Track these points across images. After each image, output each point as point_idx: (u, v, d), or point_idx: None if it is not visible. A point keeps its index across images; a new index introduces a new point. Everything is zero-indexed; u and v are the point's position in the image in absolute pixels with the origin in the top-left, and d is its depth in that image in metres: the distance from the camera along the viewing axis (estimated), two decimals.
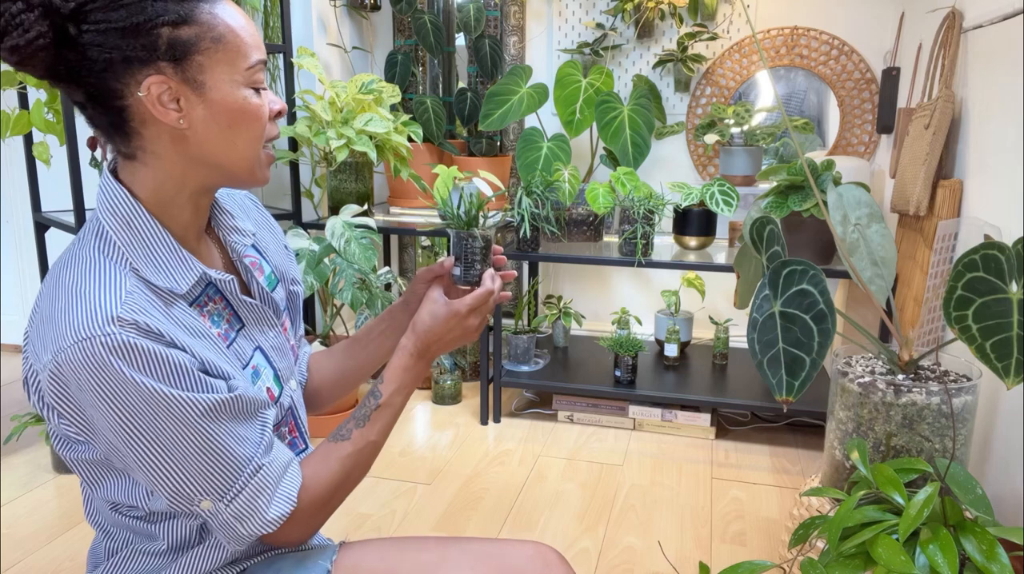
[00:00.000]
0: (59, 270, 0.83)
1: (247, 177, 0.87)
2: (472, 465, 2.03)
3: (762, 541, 1.67)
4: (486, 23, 2.66)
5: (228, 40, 0.81)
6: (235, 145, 0.84)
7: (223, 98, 0.82)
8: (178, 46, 0.79)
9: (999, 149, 1.55)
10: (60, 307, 0.79)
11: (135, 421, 0.78)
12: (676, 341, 2.41)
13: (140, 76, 0.78)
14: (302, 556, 0.95)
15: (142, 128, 0.81)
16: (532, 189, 2.17)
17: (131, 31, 0.77)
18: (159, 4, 0.77)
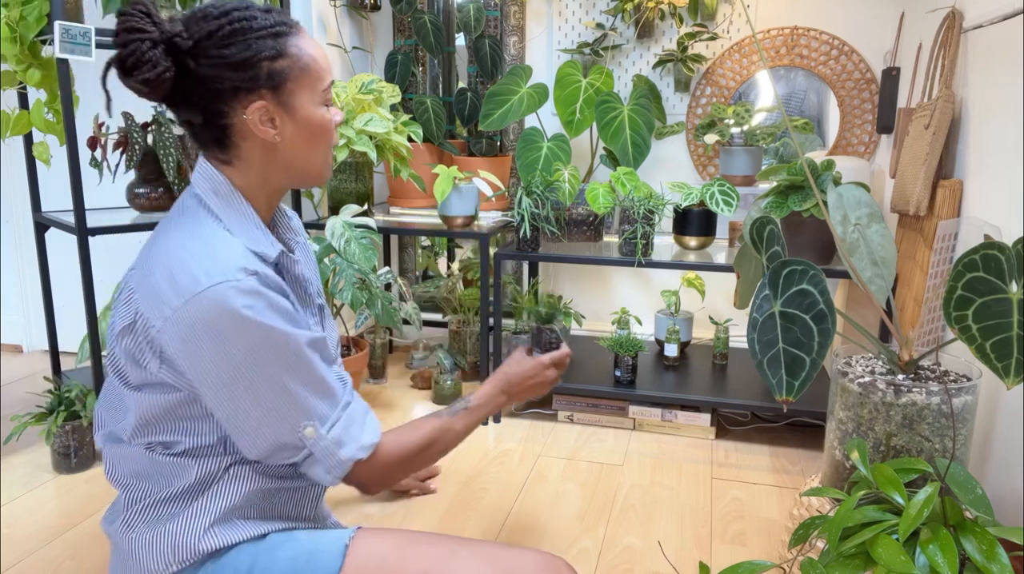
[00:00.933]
0: (172, 232, 0.99)
1: (317, 178, 1.08)
2: (472, 465, 2.03)
3: (762, 541, 1.67)
4: (486, 23, 2.66)
5: (311, 68, 1.00)
6: (314, 153, 1.05)
7: (307, 115, 1.01)
8: (275, 76, 0.98)
9: (999, 149, 1.55)
10: (186, 259, 0.94)
11: (256, 354, 0.94)
12: (676, 341, 2.41)
13: (245, 101, 0.97)
14: (321, 532, 1.03)
15: (241, 142, 1.01)
16: (532, 189, 2.17)
17: (239, 65, 0.95)
18: (260, 42, 0.96)
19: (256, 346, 0.93)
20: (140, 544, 1.01)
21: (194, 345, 0.92)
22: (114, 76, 0.94)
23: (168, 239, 0.98)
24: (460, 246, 3.07)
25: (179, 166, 2.10)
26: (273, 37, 0.97)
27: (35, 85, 1.93)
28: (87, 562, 1.57)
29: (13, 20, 1.82)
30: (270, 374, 0.95)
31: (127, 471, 1.04)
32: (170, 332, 0.92)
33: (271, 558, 0.99)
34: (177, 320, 0.91)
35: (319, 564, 0.98)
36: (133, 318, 0.96)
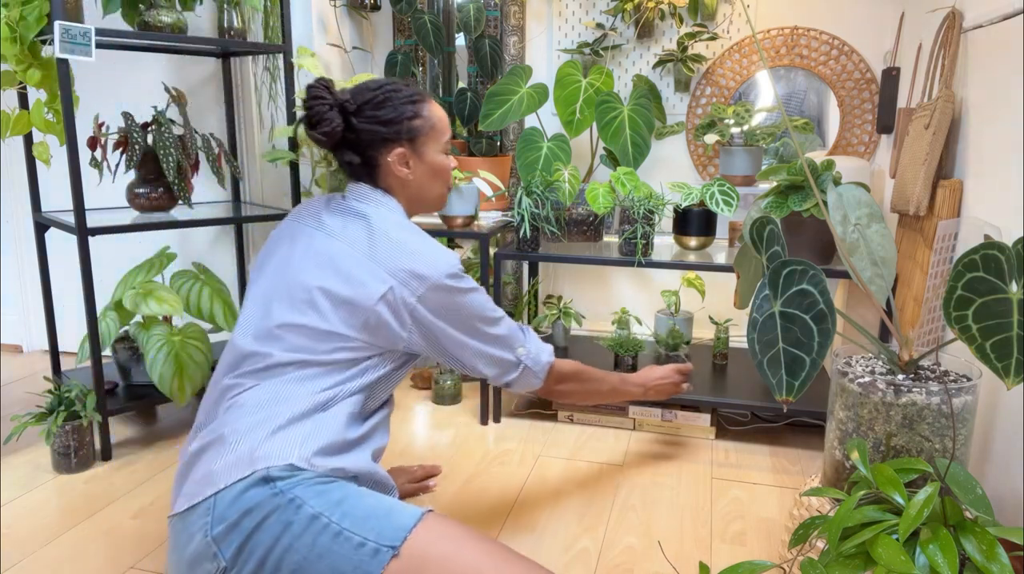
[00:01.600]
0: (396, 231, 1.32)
1: (436, 207, 1.50)
2: (472, 465, 2.03)
3: (762, 541, 1.67)
4: (486, 23, 2.66)
5: (438, 127, 1.42)
6: (435, 188, 1.45)
7: (432, 161, 1.42)
8: (413, 131, 1.38)
9: (999, 149, 1.55)
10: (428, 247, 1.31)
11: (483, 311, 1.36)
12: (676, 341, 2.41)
13: (389, 149, 1.37)
14: (399, 501, 1.20)
15: (385, 177, 1.40)
16: (532, 189, 2.17)
17: (389, 122, 1.36)
18: (404, 106, 1.36)
19: (478, 301, 1.35)
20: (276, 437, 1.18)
21: (446, 310, 1.31)
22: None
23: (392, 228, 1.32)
24: (460, 246, 3.07)
25: (179, 166, 2.10)
26: (412, 103, 1.37)
27: (35, 85, 1.93)
28: (87, 562, 1.57)
29: (13, 20, 1.82)
30: (492, 317, 1.38)
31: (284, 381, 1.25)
32: (428, 300, 1.29)
33: (359, 497, 1.15)
34: (433, 292, 1.29)
35: (395, 518, 1.12)
36: (388, 289, 1.27)
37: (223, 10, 2.20)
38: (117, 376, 2.26)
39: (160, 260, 2.20)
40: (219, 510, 1.11)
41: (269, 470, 1.13)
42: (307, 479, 1.14)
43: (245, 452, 1.16)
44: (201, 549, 1.11)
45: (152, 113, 2.11)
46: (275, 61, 2.61)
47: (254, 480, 1.12)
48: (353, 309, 1.26)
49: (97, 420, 1.98)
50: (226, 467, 1.15)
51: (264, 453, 1.15)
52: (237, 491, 1.11)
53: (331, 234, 1.33)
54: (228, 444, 1.18)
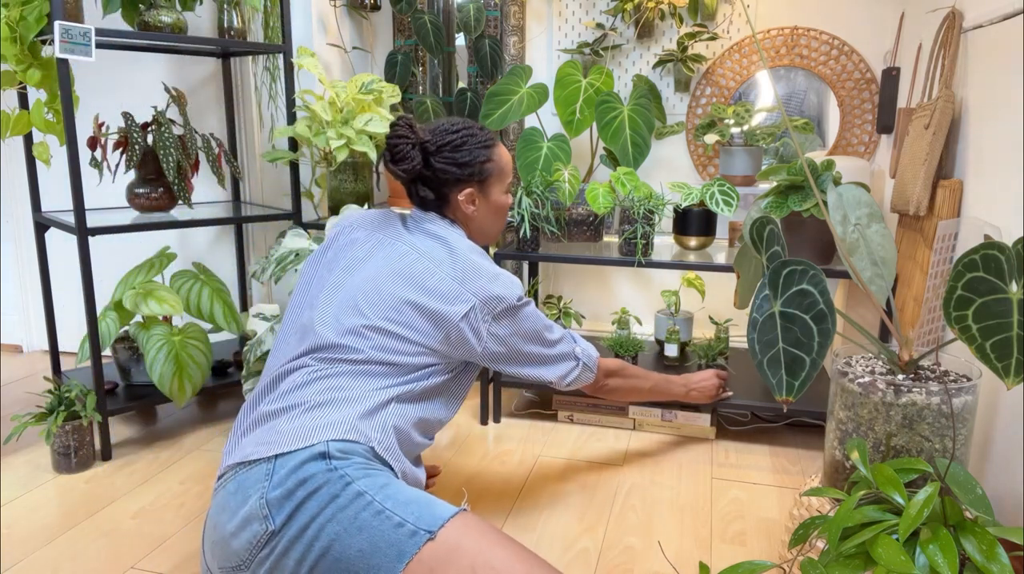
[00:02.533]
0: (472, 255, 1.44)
1: (492, 240, 1.64)
2: (472, 465, 2.03)
3: (762, 541, 1.67)
4: (486, 23, 2.66)
5: (504, 170, 1.56)
6: (495, 224, 1.60)
7: (495, 200, 1.56)
8: (483, 173, 1.51)
9: (999, 149, 1.55)
10: (500, 271, 1.44)
11: (541, 326, 1.50)
12: (676, 341, 2.41)
13: (460, 187, 1.50)
14: (437, 498, 1.24)
15: (453, 210, 1.53)
16: (532, 189, 2.17)
17: (464, 164, 1.49)
18: (477, 150, 1.49)
19: (536, 315, 1.49)
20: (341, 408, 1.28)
21: (517, 328, 1.45)
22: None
23: (469, 251, 1.44)
24: None
25: (179, 166, 2.10)
26: (485, 148, 1.50)
27: (35, 85, 1.93)
28: (87, 562, 1.57)
29: (13, 20, 1.82)
30: (548, 325, 1.53)
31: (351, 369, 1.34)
32: (502, 319, 1.42)
33: (399, 487, 1.20)
34: (508, 312, 1.42)
35: (435, 508, 1.17)
36: (471, 307, 1.38)
37: (223, 10, 2.20)
38: (117, 376, 2.26)
39: (160, 260, 2.20)
40: (277, 476, 1.17)
41: (329, 445, 1.20)
42: (359, 462, 1.21)
43: (311, 423, 1.24)
44: (255, 510, 1.16)
45: (152, 113, 2.11)
46: (275, 61, 2.61)
47: (313, 453, 1.19)
48: (438, 322, 1.37)
49: (97, 420, 1.98)
50: (291, 432, 1.22)
51: (328, 426, 1.23)
52: (298, 461, 1.18)
53: (414, 249, 1.43)
54: (297, 413, 1.27)
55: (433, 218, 1.51)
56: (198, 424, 2.29)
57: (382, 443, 1.28)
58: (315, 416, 1.26)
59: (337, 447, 1.21)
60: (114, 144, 2.07)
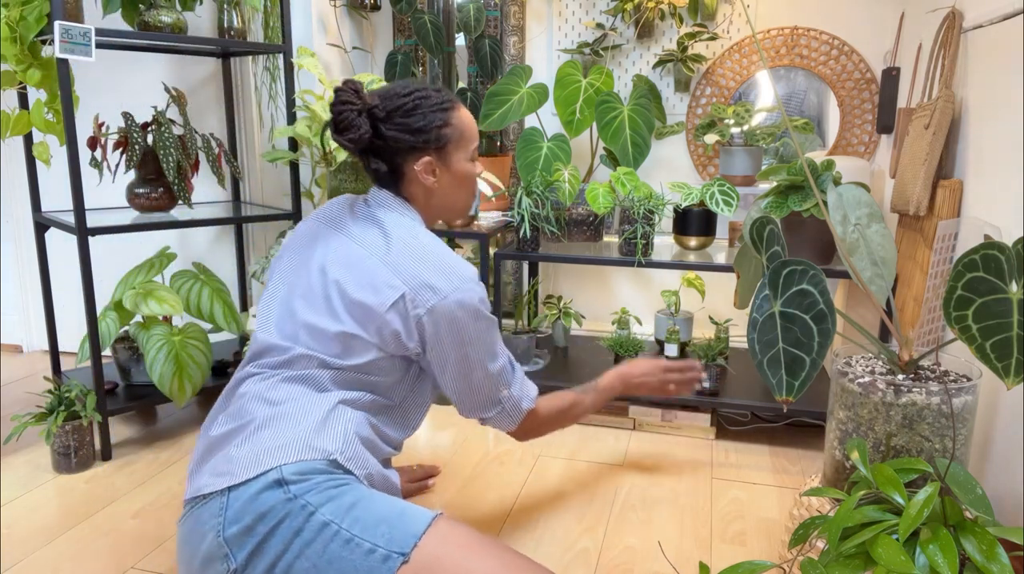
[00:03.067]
0: (417, 239, 1.30)
1: (461, 214, 1.46)
2: (472, 465, 2.03)
3: (762, 541, 1.67)
4: (486, 23, 2.66)
5: (466, 134, 1.37)
6: (461, 195, 1.42)
7: (459, 169, 1.38)
8: (441, 139, 1.34)
9: (999, 149, 1.55)
10: (447, 260, 1.27)
11: (485, 339, 1.30)
12: (676, 341, 2.41)
13: (416, 156, 1.33)
14: (410, 504, 1.19)
15: (410, 185, 1.37)
16: (532, 189, 2.17)
17: (418, 131, 1.32)
18: (433, 114, 1.32)
19: (487, 329, 1.30)
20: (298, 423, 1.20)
21: (450, 326, 1.25)
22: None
23: (411, 237, 1.30)
24: (460, 246, 3.07)
25: (179, 166, 2.10)
26: (442, 111, 1.33)
27: (35, 85, 1.93)
28: (87, 562, 1.57)
29: (13, 20, 1.82)
30: (493, 352, 1.33)
31: (300, 379, 1.27)
32: (435, 315, 1.24)
33: (370, 501, 1.14)
34: (443, 306, 1.24)
35: (406, 523, 1.12)
36: (399, 297, 1.24)
37: (223, 10, 2.20)
38: (117, 376, 2.26)
39: (160, 260, 2.20)
40: (232, 511, 1.11)
41: (283, 470, 1.12)
42: (320, 483, 1.13)
43: (261, 446, 1.16)
44: (213, 549, 1.11)
45: (152, 113, 2.11)
46: (275, 61, 2.61)
47: (268, 482, 1.11)
48: (366, 313, 1.25)
49: (97, 420, 1.98)
50: (241, 459, 1.15)
51: (279, 448, 1.15)
52: (252, 492, 1.11)
53: (351, 237, 1.33)
54: (246, 435, 1.19)
55: (385, 198, 1.37)
56: (198, 424, 2.29)
57: (344, 452, 1.19)
58: (264, 439, 1.17)
59: (292, 471, 1.13)
60: (114, 144, 2.07)
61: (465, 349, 1.28)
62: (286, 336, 1.29)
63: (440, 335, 1.26)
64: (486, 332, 1.30)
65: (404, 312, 1.24)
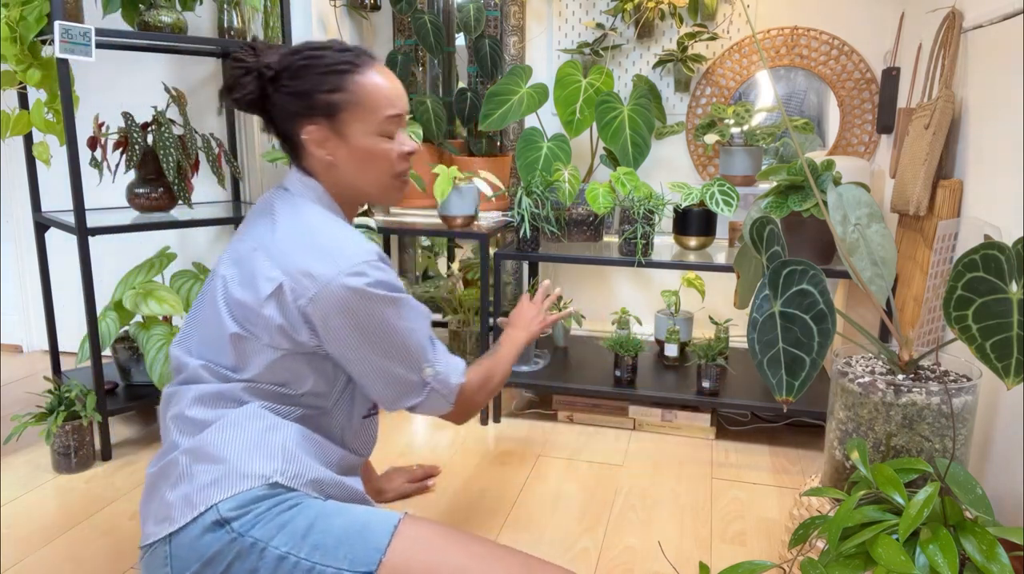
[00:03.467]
0: (303, 220, 1.16)
1: (379, 198, 1.25)
2: (472, 465, 2.03)
3: (762, 541, 1.67)
4: (486, 23, 2.66)
5: (367, 103, 1.17)
6: (366, 176, 1.21)
7: (358, 144, 1.19)
8: (331, 106, 1.16)
9: (999, 149, 1.55)
10: (327, 241, 1.13)
11: (388, 318, 1.13)
12: (676, 341, 2.41)
13: (301, 124, 1.17)
14: (374, 510, 1.12)
15: (308, 158, 1.21)
16: (532, 189, 2.17)
17: (302, 95, 1.16)
18: (322, 77, 1.15)
19: (388, 311, 1.13)
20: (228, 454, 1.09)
21: (340, 315, 1.10)
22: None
23: (296, 222, 1.16)
24: (460, 246, 3.07)
25: (179, 166, 2.10)
26: (335, 73, 1.16)
27: (35, 85, 1.93)
28: (87, 562, 1.57)
29: (13, 20, 1.82)
30: (402, 332, 1.16)
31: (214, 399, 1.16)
32: (320, 304, 1.10)
33: (327, 522, 1.05)
34: (326, 295, 1.09)
35: (369, 537, 1.04)
36: (276, 288, 1.11)
37: (223, 10, 2.20)
38: (117, 376, 2.26)
39: (160, 260, 2.20)
40: (178, 561, 1.04)
41: (219, 509, 1.03)
42: (264, 513, 1.04)
43: (192, 485, 1.07)
44: None
45: (152, 113, 2.11)
46: None
47: (207, 524, 1.03)
48: (246, 311, 1.13)
49: (97, 420, 1.98)
50: (176, 503, 1.06)
51: (211, 484, 1.06)
52: (192, 536, 1.03)
53: (247, 230, 1.21)
54: (177, 473, 1.10)
55: (290, 177, 1.23)
56: None
57: (285, 471, 1.09)
58: (196, 475, 1.07)
59: (230, 507, 1.03)
60: (114, 144, 2.07)
61: (366, 336, 1.13)
62: (186, 350, 1.20)
63: (332, 326, 1.11)
64: (389, 313, 1.13)
65: (284, 304, 1.11)
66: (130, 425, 2.29)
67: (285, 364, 1.14)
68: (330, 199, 1.22)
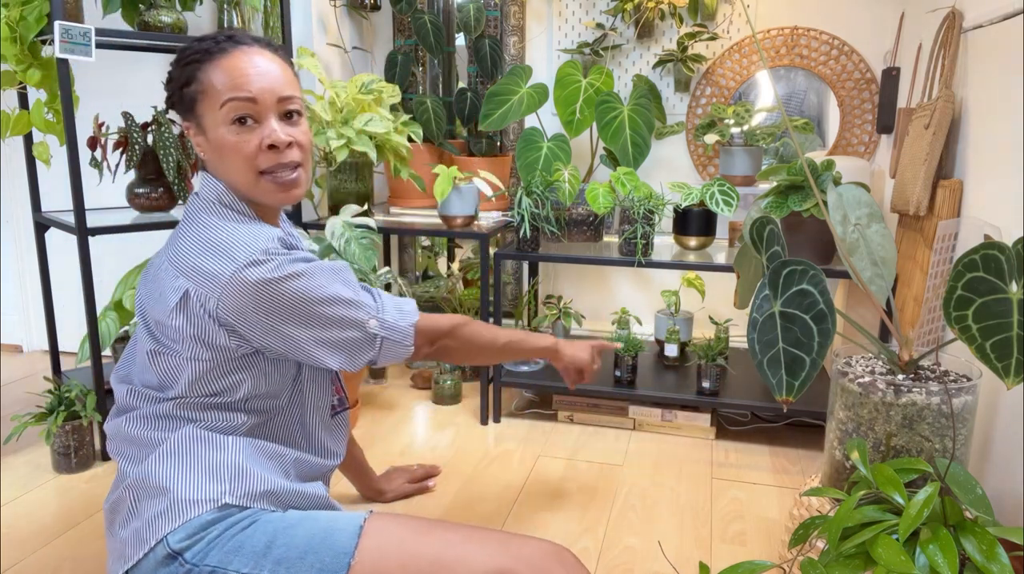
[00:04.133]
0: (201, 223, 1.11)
1: (251, 195, 1.15)
2: (472, 465, 2.03)
3: (762, 541, 1.67)
4: (486, 23, 2.66)
5: (210, 92, 1.10)
6: (229, 171, 1.13)
7: (213, 136, 1.11)
8: (187, 100, 1.12)
9: (999, 149, 1.55)
10: (222, 239, 1.07)
11: (304, 293, 1.07)
12: (676, 341, 2.41)
13: (182, 121, 1.15)
14: (337, 513, 1.08)
15: (199, 153, 1.16)
16: (532, 189, 2.17)
17: (169, 94, 1.14)
18: (177, 69, 1.12)
19: (297, 286, 1.07)
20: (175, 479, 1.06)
21: (253, 309, 1.05)
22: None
23: (193, 229, 1.12)
24: (460, 246, 3.07)
25: (179, 166, 2.10)
26: (187, 64, 1.11)
27: (35, 85, 1.93)
28: (87, 562, 1.57)
29: (13, 20, 1.82)
30: (322, 300, 1.10)
31: (160, 426, 1.12)
32: (228, 303, 1.05)
33: (289, 534, 1.01)
34: (230, 292, 1.04)
35: (335, 542, 1.01)
36: (181, 297, 1.06)
37: (223, 10, 2.20)
38: None
39: None
40: None
41: (168, 542, 1.00)
42: (218, 538, 1.00)
43: (141, 518, 1.04)
44: None
45: (152, 113, 2.11)
46: None
47: (159, 558, 1.00)
48: (160, 327, 1.09)
49: (97, 420, 1.98)
50: (128, 539, 1.04)
51: (158, 516, 1.02)
52: (147, 572, 1.01)
53: (163, 249, 1.17)
54: (125, 508, 1.07)
55: (200, 180, 1.21)
56: None
57: (234, 490, 1.05)
58: (142, 509, 1.04)
59: (179, 538, 1.00)
60: (114, 144, 2.07)
61: (286, 317, 1.08)
62: (119, 377, 1.17)
63: (249, 320, 1.06)
64: (298, 287, 1.07)
65: (191, 312, 1.06)
66: None
67: (211, 374, 1.10)
68: (232, 195, 1.14)
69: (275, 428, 1.19)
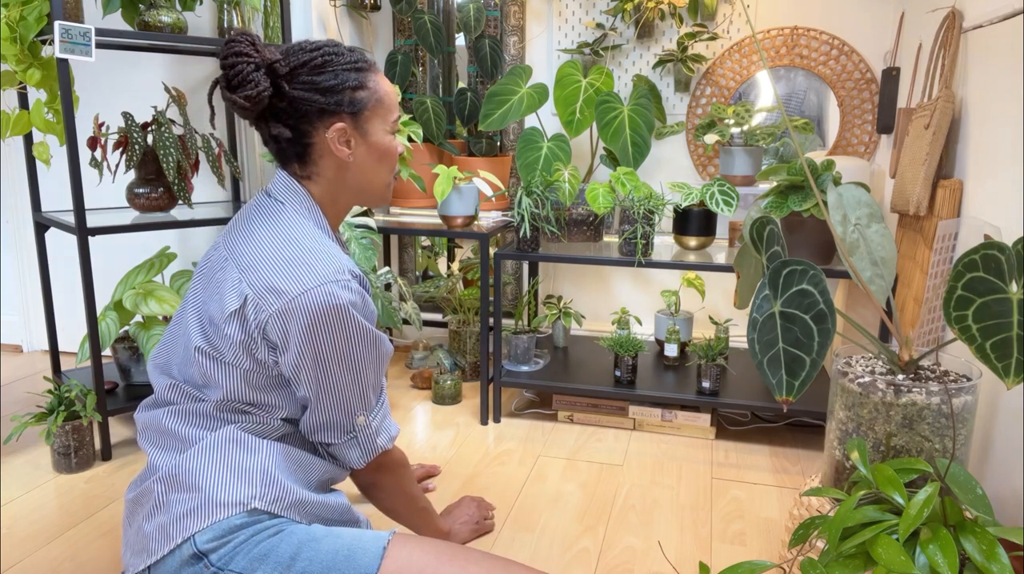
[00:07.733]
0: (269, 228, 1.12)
1: (380, 197, 1.24)
2: (472, 465, 2.03)
3: (762, 541, 1.67)
4: (486, 23, 2.66)
5: (385, 101, 1.18)
6: (379, 174, 1.21)
7: (378, 141, 1.18)
8: (356, 103, 1.15)
9: (999, 149, 1.55)
10: (297, 255, 1.08)
11: (349, 348, 1.09)
12: (676, 341, 2.41)
13: (328, 122, 1.13)
14: (361, 531, 1.09)
15: (319, 159, 1.17)
16: (532, 189, 2.17)
17: (328, 90, 1.12)
18: (346, 73, 1.13)
19: (351, 341, 1.09)
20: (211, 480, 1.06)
21: (299, 332, 1.06)
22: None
23: (270, 234, 1.12)
24: (460, 246, 3.07)
25: (179, 166, 2.10)
26: (356, 71, 1.15)
27: (35, 85, 1.93)
28: (87, 562, 1.57)
29: (13, 20, 1.82)
30: (354, 367, 1.11)
31: (197, 423, 1.13)
32: (281, 319, 1.05)
33: (314, 549, 1.02)
34: (290, 311, 1.05)
35: (358, 562, 1.01)
36: (240, 304, 1.07)
37: (223, 10, 2.20)
38: (117, 376, 2.26)
39: (160, 260, 2.20)
40: None
41: (195, 541, 1.00)
42: (244, 543, 1.01)
43: (169, 514, 1.04)
44: None
45: (152, 113, 2.11)
46: None
47: (184, 557, 1.00)
48: (214, 327, 1.09)
49: (97, 420, 1.98)
50: (153, 534, 1.04)
51: (187, 514, 1.03)
52: (170, 569, 1.01)
53: (224, 239, 1.17)
54: (153, 502, 1.07)
55: (277, 183, 1.19)
56: None
57: (264, 495, 1.06)
58: (172, 504, 1.04)
59: (207, 539, 1.00)
60: (114, 144, 2.07)
61: (321, 356, 1.08)
62: (159, 367, 1.17)
63: (291, 341, 1.07)
64: (352, 340, 1.09)
65: (246, 320, 1.06)
66: (130, 425, 2.29)
67: (248, 386, 1.11)
68: (315, 205, 1.17)
69: (303, 439, 1.20)
